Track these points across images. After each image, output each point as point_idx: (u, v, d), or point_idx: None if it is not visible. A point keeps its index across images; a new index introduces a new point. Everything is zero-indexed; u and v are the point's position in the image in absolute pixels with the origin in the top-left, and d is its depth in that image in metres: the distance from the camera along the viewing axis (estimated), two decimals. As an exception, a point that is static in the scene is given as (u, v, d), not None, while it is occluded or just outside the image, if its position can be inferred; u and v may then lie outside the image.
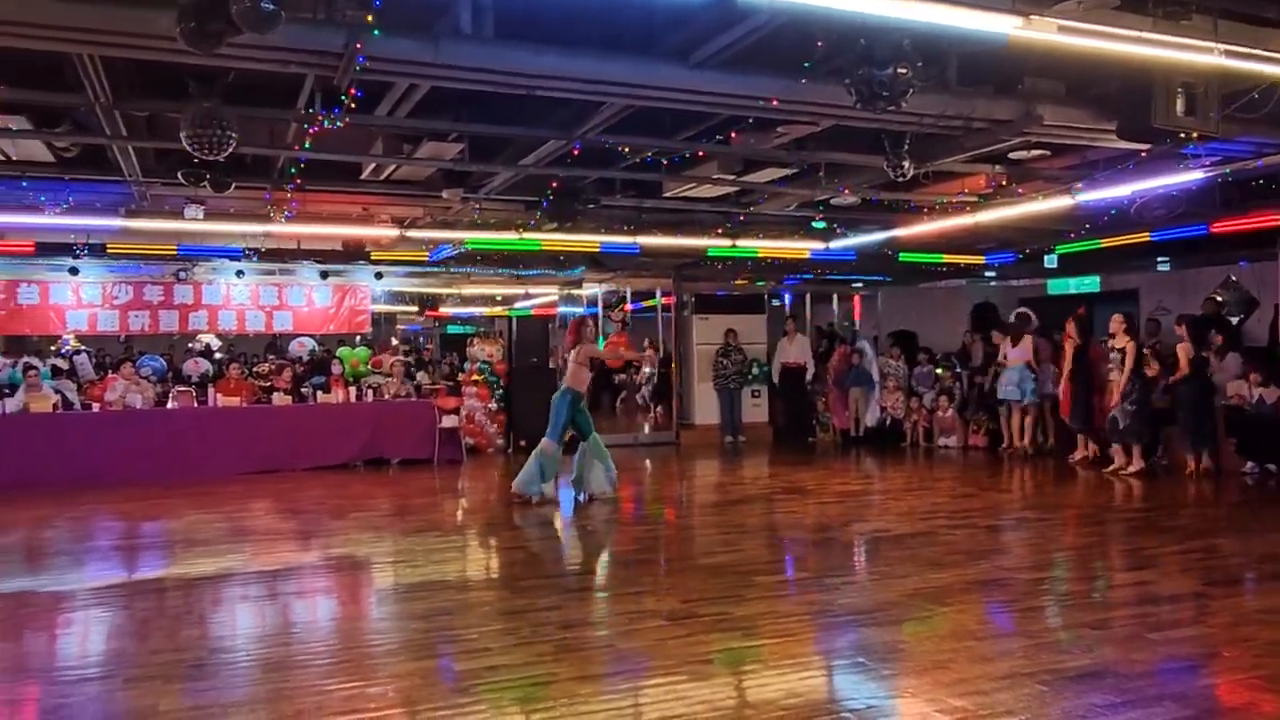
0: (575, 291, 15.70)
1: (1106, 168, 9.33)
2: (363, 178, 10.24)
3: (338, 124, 6.88)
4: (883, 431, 13.48)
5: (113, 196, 10.53)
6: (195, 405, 11.25)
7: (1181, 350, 9.97)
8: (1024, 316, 12.33)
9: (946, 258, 14.47)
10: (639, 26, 6.20)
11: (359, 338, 15.66)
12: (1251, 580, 5.88)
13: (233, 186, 8.92)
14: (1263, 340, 11.97)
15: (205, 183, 8.62)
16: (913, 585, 5.50)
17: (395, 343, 17.38)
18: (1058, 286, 15.29)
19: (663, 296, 15.70)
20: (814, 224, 12.52)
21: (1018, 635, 4.65)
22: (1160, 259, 13.44)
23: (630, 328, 15.61)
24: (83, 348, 14.61)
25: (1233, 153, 8.14)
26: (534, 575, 6.32)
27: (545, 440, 8.57)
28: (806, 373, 14.28)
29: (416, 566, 6.46)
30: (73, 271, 12.63)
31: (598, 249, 12.94)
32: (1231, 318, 12.31)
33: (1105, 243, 12.43)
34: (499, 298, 19.39)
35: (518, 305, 19.07)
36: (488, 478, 10.92)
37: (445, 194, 10.39)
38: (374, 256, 13.18)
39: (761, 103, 6.66)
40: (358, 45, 5.31)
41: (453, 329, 22.54)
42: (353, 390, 12.12)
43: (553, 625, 4.78)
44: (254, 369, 13.93)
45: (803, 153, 8.94)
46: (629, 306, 16.34)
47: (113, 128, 7.69)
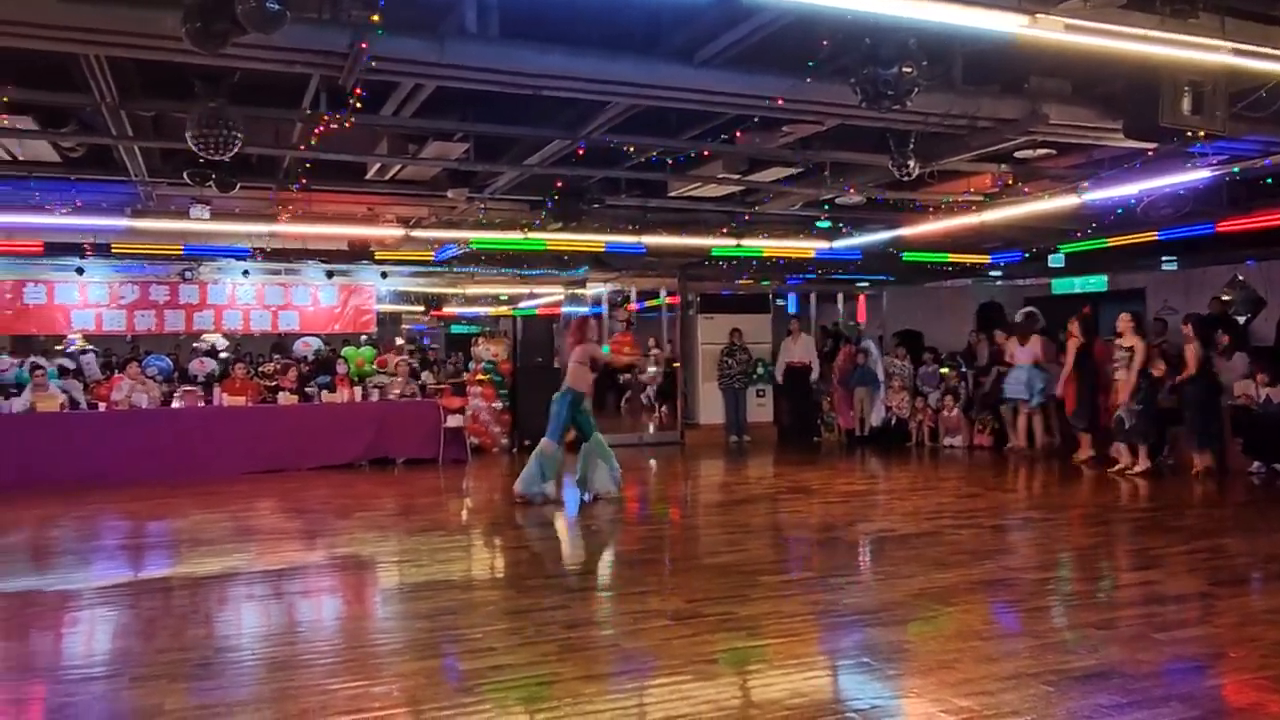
0: (580, 291, 15.70)
1: (1113, 167, 9.30)
2: (368, 178, 10.25)
3: (344, 124, 6.89)
4: (888, 431, 13.45)
5: (119, 196, 10.57)
6: (201, 405, 11.26)
7: (1189, 350, 9.93)
8: (1031, 316, 12.29)
9: (952, 257, 14.45)
10: (644, 25, 6.21)
11: (364, 337, 15.69)
12: (1258, 580, 5.85)
13: (238, 186, 8.93)
14: (1269, 339, 11.94)
15: (211, 183, 8.64)
16: (918, 585, 5.49)
17: (400, 342, 17.37)
18: (1063, 286, 15.25)
19: (667, 296, 15.70)
20: (819, 223, 12.51)
21: (1023, 635, 4.64)
22: (1166, 258, 13.41)
23: (635, 327, 15.59)
24: (89, 347, 14.64)
25: (1240, 151, 8.13)
26: (538, 575, 6.34)
27: (545, 440, 8.55)
28: (811, 372, 14.27)
29: (421, 566, 6.46)
30: (79, 271, 12.69)
31: (602, 249, 12.93)
32: (1238, 317, 12.28)
33: (1111, 242, 12.40)
34: (504, 297, 19.41)
35: (522, 305, 19.08)
36: (492, 477, 10.91)
37: (450, 194, 10.40)
38: (379, 256, 13.19)
39: (766, 102, 6.65)
40: (363, 45, 5.31)
41: (457, 328, 22.58)
42: (358, 390, 12.12)
43: (557, 625, 4.78)
44: (259, 368, 13.96)
45: (808, 152, 8.93)
46: (634, 306, 16.33)
47: (118, 128, 7.71)
